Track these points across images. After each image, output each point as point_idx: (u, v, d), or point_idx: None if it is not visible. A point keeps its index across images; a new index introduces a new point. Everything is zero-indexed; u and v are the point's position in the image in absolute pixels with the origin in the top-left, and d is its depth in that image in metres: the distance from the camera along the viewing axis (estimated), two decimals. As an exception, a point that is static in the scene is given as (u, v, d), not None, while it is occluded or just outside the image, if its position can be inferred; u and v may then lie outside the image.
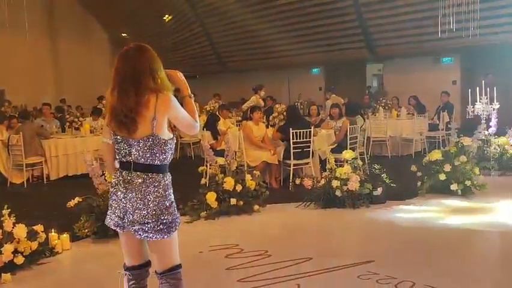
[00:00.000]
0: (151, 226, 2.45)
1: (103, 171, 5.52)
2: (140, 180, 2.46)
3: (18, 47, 17.41)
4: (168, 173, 2.56)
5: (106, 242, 4.92)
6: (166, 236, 2.49)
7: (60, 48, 20.24)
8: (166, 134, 2.49)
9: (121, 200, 2.51)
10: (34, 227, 4.58)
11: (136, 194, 2.46)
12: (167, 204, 2.50)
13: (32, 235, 4.47)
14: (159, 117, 2.42)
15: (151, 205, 2.45)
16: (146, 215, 2.45)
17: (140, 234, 2.48)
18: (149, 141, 2.44)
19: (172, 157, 2.56)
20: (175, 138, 2.57)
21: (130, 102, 2.40)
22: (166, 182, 2.53)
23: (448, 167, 6.55)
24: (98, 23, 21.57)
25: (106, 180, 5.18)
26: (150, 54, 2.50)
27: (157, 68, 2.48)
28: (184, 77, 2.65)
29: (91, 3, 20.45)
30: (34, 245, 4.41)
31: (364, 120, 9.32)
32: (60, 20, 20.05)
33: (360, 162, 6.50)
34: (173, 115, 2.49)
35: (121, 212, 2.52)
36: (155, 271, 2.61)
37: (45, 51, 19.72)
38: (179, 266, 2.64)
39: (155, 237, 2.48)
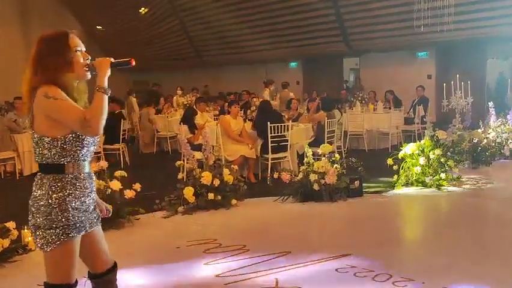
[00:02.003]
0: (32, 230, 2.28)
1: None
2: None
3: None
4: (58, 176, 2.24)
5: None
6: (43, 247, 2.23)
7: (34, 41, 19.67)
8: (50, 132, 2.21)
9: None
10: (6, 224, 4.46)
11: None
12: (44, 210, 2.21)
13: (4, 232, 4.36)
14: (34, 113, 2.22)
15: (31, 208, 2.26)
16: (29, 216, 2.28)
17: None
18: (33, 137, 2.28)
19: (63, 159, 2.24)
20: (76, 138, 2.24)
21: None
22: (48, 185, 2.23)
23: (423, 160, 6.64)
24: (73, 15, 21.11)
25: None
26: (40, 43, 2.29)
27: (41, 57, 2.24)
28: (109, 67, 2.27)
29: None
30: (6, 243, 4.30)
31: (341, 114, 9.38)
32: (34, 12, 19.55)
33: (338, 156, 6.53)
34: (47, 113, 2.19)
35: None
36: None
37: (17, 45, 19.18)
38: (52, 287, 2.27)
39: (35, 244, 2.29)
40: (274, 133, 7.36)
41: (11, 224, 4.48)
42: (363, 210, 5.81)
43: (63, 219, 2.21)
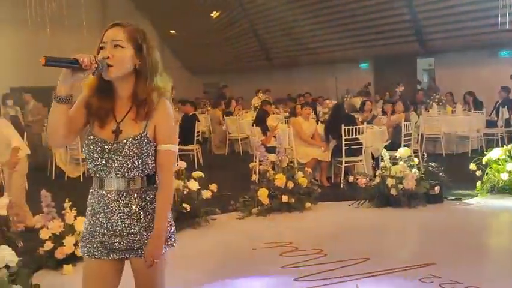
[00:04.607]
0: None
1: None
2: None
3: (74, 45, 17.97)
4: (91, 189, 2.08)
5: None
6: None
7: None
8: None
9: None
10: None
11: None
12: None
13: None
14: None
15: None
16: None
17: None
18: None
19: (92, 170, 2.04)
20: (86, 148, 2.00)
21: None
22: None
23: (511, 166, 6.22)
24: (148, 20, 21.97)
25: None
26: None
27: None
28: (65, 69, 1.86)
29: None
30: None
31: (418, 117, 9.03)
32: (112, 17, 20.56)
33: (416, 160, 6.28)
34: None
35: None
36: None
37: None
38: None
39: None
40: (348, 136, 7.20)
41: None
42: (444, 218, 5.53)
43: (82, 234, 2.09)
